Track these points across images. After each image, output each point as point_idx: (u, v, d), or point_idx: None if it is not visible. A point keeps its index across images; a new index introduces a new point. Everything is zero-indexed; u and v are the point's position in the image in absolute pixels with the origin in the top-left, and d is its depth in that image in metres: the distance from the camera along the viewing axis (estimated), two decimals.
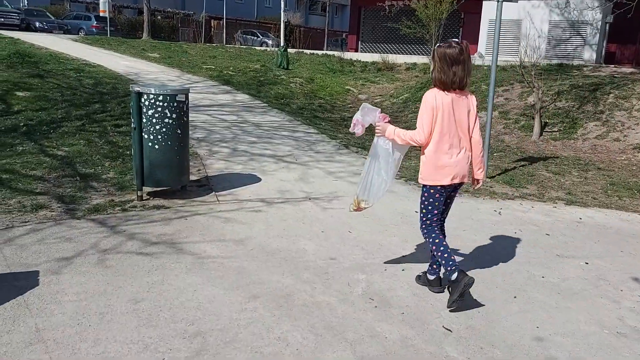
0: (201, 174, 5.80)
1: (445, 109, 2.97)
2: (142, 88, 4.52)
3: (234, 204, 4.88)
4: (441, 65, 2.92)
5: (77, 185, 5.20)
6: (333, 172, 6.26)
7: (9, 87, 9.71)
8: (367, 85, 17.28)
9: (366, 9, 28.18)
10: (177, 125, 4.68)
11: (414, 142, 3.05)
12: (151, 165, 4.65)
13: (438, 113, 2.97)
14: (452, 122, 3.00)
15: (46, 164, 5.79)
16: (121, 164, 6.01)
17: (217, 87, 13.00)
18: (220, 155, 6.69)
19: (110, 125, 7.91)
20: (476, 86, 13.52)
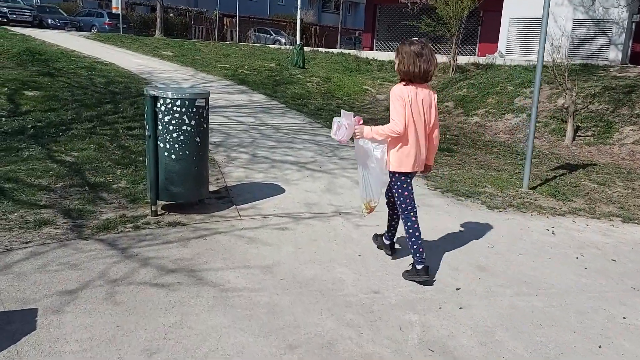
0: (220, 184, 5.33)
1: (412, 101, 3.21)
2: (158, 91, 4.05)
3: (257, 219, 4.39)
4: (408, 59, 3.17)
5: (86, 196, 4.75)
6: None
7: (18, 86, 9.32)
8: (385, 85, 16.73)
9: (382, 7, 27.58)
10: (196, 133, 4.20)
11: (394, 133, 3.20)
12: (167, 177, 4.18)
13: (406, 105, 3.19)
14: (417, 113, 3.25)
15: (53, 171, 5.35)
16: (133, 171, 5.55)
17: (232, 86, 12.54)
18: (239, 162, 6.22)
19: (122, 128, 7.47)
20: (501, 87, 12.95)
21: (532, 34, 20.50)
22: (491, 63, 17.72)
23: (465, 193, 5.63)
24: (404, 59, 3.19)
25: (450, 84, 14.45)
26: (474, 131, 10.97)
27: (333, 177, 5.92)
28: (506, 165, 7.66)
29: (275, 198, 5.02)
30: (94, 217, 4.27)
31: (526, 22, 20.49)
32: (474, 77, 14.57)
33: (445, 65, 18.40)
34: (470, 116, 12.03)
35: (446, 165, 7.08)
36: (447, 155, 7.91)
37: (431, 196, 5.43)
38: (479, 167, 7.22)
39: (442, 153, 7.99)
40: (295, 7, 45.51)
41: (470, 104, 12.63)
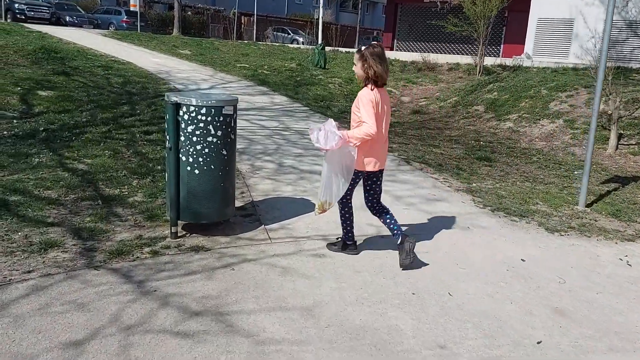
0: (245, 198, 4.82)
1: (379, 103, 3.42)
2: (181, 98, 3.55)
3: (289, 243, 3.87)
4: (375, 62, 3.35)
5: (99, 212, 4.26)
6: (401, 197, 5.21)
7: (32, 86, 8.93)
8: (408, 87, 16.13)
9: (403, 6, 26.93)
10: (223, 145, 3.69)
11: (369, 135, 3.30)
12: (189, 195, 3.68)
13: (375, 108, 3.37)
14: (383, 115, 3.49)
15: (64, 181, 4.88)
16: (151, 182, 5.07)
17: (252, 87, 12.06)
18: (265, 172, 5.70)
19: (139, 132, 7.00)
20: (535, 90, 12.29)
21: (561, 35, 19.74)
22: (518, 65, 17.03)
23: (518, 212, 5.05)
24: (371, 62, 3.35)
25: (479, 87, 13.80)
26: (507, 137, 10.34)
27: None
28: (551, 177, 7.05)
29: (307, 216, 4.49)
30: (107, 237, 3.78)
31: (555, 22, 19.75)
32: (505, 79, 13.91)
33: (471, 67, 17.75)
34: (502, 121, 11.39)
35: (488, 177, 6.50)
36: (486, 165, 7.32)
37: (481, 215, 4.86)
38: (523, 180, 6.62)
39: (480, 163, 7.41)
40: (313, 7, 44.98)
41: (501, 108, 11.99)
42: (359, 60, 3.41)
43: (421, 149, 8.11)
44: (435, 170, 6.46)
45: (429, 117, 12.42)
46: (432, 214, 4.77)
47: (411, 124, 11.42)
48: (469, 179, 6.23)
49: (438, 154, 7.77)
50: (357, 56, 3.43)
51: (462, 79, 17.14)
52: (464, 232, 4.40)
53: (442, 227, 4.46)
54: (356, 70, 3.46)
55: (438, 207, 4.98)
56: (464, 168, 6.88)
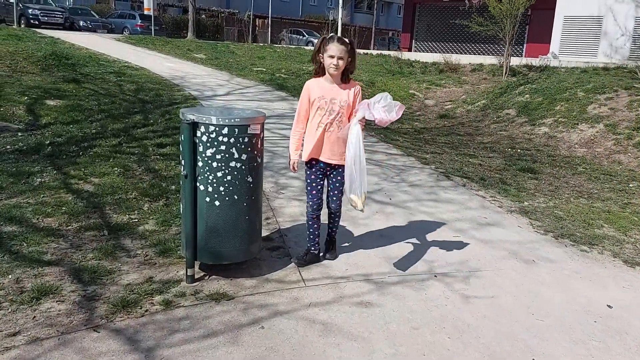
0: (271, 225, 4.20)
1: None
2: (198, 115, 2.95)
3: (327, 287, 3.25)
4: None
5: (104, 245, 3.69)
6: (448, 222, 4.55)
7: (40, 95, 8.44)
8: (432, 89, 15.43)
9: (422, 6, 26.19)
10: (248, 170, 3.08)
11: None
12: (208, 231, 3.07)
13: None
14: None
15: (67, 206, 4.32)
16: (164, 207, 4.48)
17: (271, 92, 11.48)
18: (291, 191, 5.09)
19: (152, 145, 6.44)
20: (570, 92, 11.53)
21: (589, 34, 18.89)
22: (545, 65, 16.23)
23: (584, 239, 4.36)
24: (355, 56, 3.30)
25: (509, 89, 13.06)
26: (544, 144, 9.61)
27: (409, 212, 4.72)
28: (606, 191, 6.33)
29: (344, 247, 3.87)
30: (112, 280, 3.20)
31: (582, 20, 18.90)
32: (536, 81, 13.14)
33: (495, 68, 16.98)
34: (536, 126, 10.66)
35: (538, 193, 5.80)
36: (531, 177, 6.63)
37: (544, 244, 4.18)
38: (577, 196, 5.92)
39: (524, 175, 6.72)
40: (328, 8, 44.37)
41: (535, 111, 11.25)
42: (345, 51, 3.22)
43: (457, 159, 7.43)
44: (479, 186, 5.79)
45: (457, 122, 11.72)
46: (487, 243, 4.11)
47: (439, 129, 10.73)
48: (518, 196, 5.55)
49: (476, 165, 7.10)
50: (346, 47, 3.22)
51: (487, 80, 16.38)
52: (529, 267, 3.74)
53: (502, 261, 3.80)
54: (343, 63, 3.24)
55: (493, 234, 4.32)
56: (508, 182, 6.20)
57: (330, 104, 3.33)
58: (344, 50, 3.19)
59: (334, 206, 3.56)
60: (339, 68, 3.22)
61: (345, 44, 3.21)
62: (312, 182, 3.47)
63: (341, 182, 3.46)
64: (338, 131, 3.33)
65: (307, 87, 3.42)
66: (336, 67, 3.21)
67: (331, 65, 3.23)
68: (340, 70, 3.25)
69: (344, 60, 3.21)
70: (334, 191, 3.51)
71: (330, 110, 3.32)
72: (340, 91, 3.33)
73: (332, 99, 3.33)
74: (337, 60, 3.19)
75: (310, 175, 3.47)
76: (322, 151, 3.39)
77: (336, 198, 3.54)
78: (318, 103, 3.34)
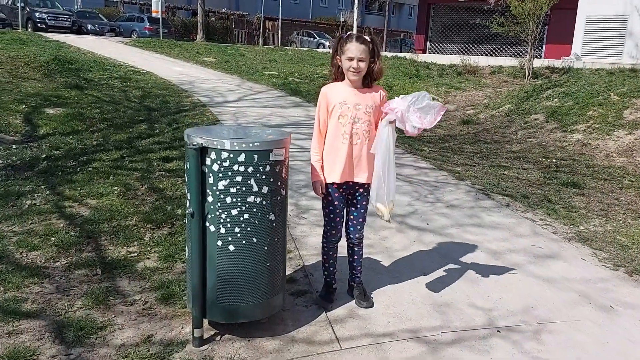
0: (293, 261, 3.58)
1: None
2: (208, 138, 2.33)
3: (368, 350, 2.61)
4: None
5: (96, 288, 3.08)
6: (499, 253, 3.89)
7: (39, 102, 7.90)
8: (451, 93, 14.75)
9: (436, 6, 25.49)
10: (271, 206, 2.46)
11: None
12: (221, 283, 2.45)
13: None
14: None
15: (57, 236, 3.73)
16: (168, 236, 3.87)
17: (284, 98, 10.87)
18: (314, 215, 4.46)
19: (157, 159, 5.85)
20: (603, 96, 10.80)
21: (614, 34, 18.12)
22: (569, 67, 15.50)
23: None
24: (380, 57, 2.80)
25: (535, 93, 12.34)
26: (579, 152, 8.90)
27: (451, 242, 4.07)
28: None
29: (381, 290, 3.23)
30: (102, 339, 2.59)
31: (606, 20, 18.14)
32: (565, 84, 12.42)
33: (516, 70, 16.26)
34: (568, 132, 9.94)
35: (590, 214, 5.12)
36: (576, 193, 5.94)
37: (619, 283, 3.51)
38: (635, 216, 5.23)
39: (568, 190, 6.03)
40: (339, 9, 43.74)
41: (565, 117, 10.53)
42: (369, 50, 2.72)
43: (490, 171, 6.77)
44: (524, 206, 5.12)
45: (482, 128, 11.03)
46: (551, 282, 3.45)
47: (464, 136, 10.05)
48: (570, 218, 4.88)
49: (514, 179, 6.43)
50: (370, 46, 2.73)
51: (508, 83, 15.67)
52: (609, 316, 3.07)
53: (575, 308, 3.14)
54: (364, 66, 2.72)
55: (554, 269, 3.66)
56: (554, 200, 5.53)
57: (355, 110, 2.77)
58: (364, 50, 2.70)
59: (357, 236, 2.97)
60: (360, 72, 2.72)
61: (366, 43, 2.72)
62: (334, 208, 2.88)
63: (367, 205, 2.91)
64: (365, 142, 2.78)
65: (323, 93, 2.87)
66: (357, 70, 2.72)
67: (351, 68, 2.71)
68: (362, 75, 2.76)
69: (365, 62, 2.72)
70: (358, 218, 2.94)
71: (354, 118, 2.78)
72: (364, 95, 2.81)
73: (357, 105, 2.78)
74: (358, 63, 2.70)
75: (332, 200, 2.87)
76: (348, 169, 2.82)
77: (360, 227, 2.96)
78: (339, 109, 2.78)
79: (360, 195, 2.92)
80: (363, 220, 2.98)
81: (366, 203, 2.93)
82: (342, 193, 2.91)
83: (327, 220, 2.95)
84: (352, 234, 2.98)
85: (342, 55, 2.75)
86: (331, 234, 2.95)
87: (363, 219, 2.98)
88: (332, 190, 2.88)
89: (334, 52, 2.83)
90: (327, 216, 2.94)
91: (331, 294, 3.04)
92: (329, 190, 2.88)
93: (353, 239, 3.00)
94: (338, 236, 2.98)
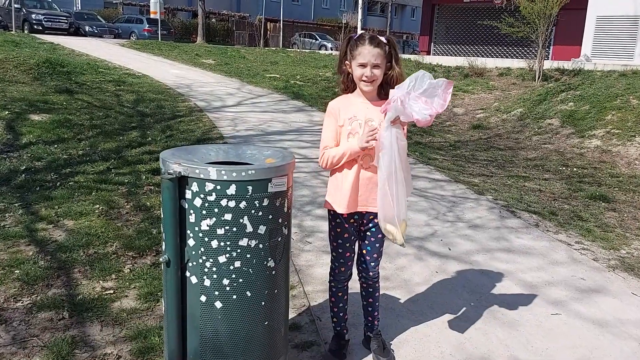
0: (297, 300, 3.04)
1: None
2: (188, 164, 1.80)
3: None
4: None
5: (60, 338, 2.55)
6: (536, 287, 3.35)
7: (24, 108, 7.39)
8: (459, 96, 14.22)
9: (440, 7, 24.98)
10: (269, 251, 1.92)
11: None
12: (204, 348, 1.92)
13: None
14: None
15: (23, 268, 3.21)
16: (151, 268, 3.34)
17: (285, 102, 10.35)
18: (320, 239, 3.92)
19: (146, 171, 5.33)
20: (622, 100, 10.29)
21: (624, 35, 17.59)
22: (579, 68, 14.97)
23: None
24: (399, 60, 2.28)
25: (549, 96, 11.81)
26: (599, 159, 8.36)
27: (479, 273, 3.53)
28: None
29: (405, 339, 2.69)
30: None
31: (617, 20, 17.62)
32: (579, 86, 11.89)
33: (524, 72, 15.73)
34: (586, 138, 9.41)
35: (629, 233, 4.58)
36: (607, 208, 5.40)
37: None
38: None
39: (597, 204, 5.50)
40: (341, 11, 43.25)
41: (582, 122, 10.00)
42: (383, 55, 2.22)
43: (509, 183, 6.23)
44: (555, 226, 4.58)
45: (494, 133, 10.50)
46: (602, 326, 2.91)
47: (475, 142, 9.52)
48: (607, 240, 4.34)
49: (536, 192, 5.89)
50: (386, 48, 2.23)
51: (517, 85, 15.14)
52: None
53: None
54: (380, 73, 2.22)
55: (603, 308, 3.12)
56: (584, 217, 4.99)
57: (367, 126, 2.24)
58: (379, 54, 2.19)
59: (371, 274, 2.45)
60: (375, 81, 2.22)
61: (381, 45, 2.20)
62: (344, 242, 2.38)
63: (383, 238, 2.39)
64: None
65: (331, 109, 2.32)
66: (370, 79, 2.21)
67: (363, 77, 2.19)
68: (377, 84, 2.25)
69: (380, 69, 2.21)
70: (372, 254, 2.42)
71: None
72: (379, 108, 2.22)
73: (369, 120, 2.25)
74: (372, 71, 2.19)
75: (342, 232, 2.36)
76: (359, 197, 2.30)
77: (374, 264, 2.44)
78: (349, 127, 2.26)
79: (375, 227, 2.37)
80: (378, 256, 2.45)
81: (382, 236, 2.39)
82: (353, 224, 2.38)
83: (335, 255, 2.43)
84: (364, 272, 2.46)
85: (353, 60, 2.22)
86: (340, 270, 2.44)
87: (378, 255, 2.44)
88: (340, 219, 2.35)
89: (342, 57, 2.30)
90: (335, 250, 2.42)
91: (342, 347, 2.50)
92: (337, 220, 2.37)
93: (367, 277, 2.47)
94: (348, 274, 2.47)
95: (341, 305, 2.51)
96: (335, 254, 2.42)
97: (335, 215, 2.36)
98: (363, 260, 2.44)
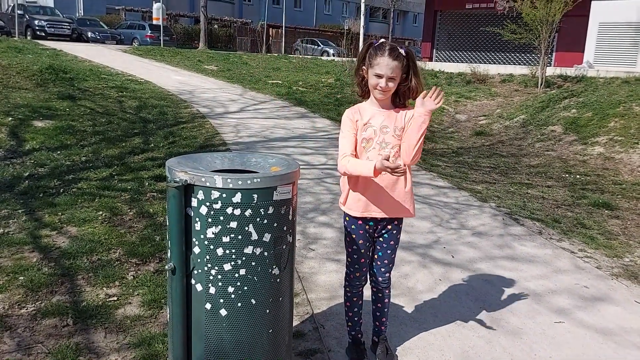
0: (300, 307, 3.04)
1: None
2: (194, 173, 1.81)
3: None
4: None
5: (64, 345, 2.55)
6: (540, 295, 3.35)
7: (27, 115, 7.42)
8: (461, 102, 14.23)
9: (443, 13, 25.05)
10: (274, 258, 1.93)
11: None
12: (209, 355, 1.92)
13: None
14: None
15: (27, 274, 3.22)
16: (154, 275, 3.34)
17: (288, 108, 10.37)
18: (324, 246, 3.92)
19: (149, 178, 5.34)
20: (624, 107, 10.28)
21: (627, 41, 17.61)
22: (582, 75, 14.98)
23: None
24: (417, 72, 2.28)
25: (552, 103, 11.82)
26: (602, 167, 8.35)
27: (483, 280, 3.53)
28: None
29: (409, 347, 2.68)
30: None
31: (619, 27, 17.65)
32: (582, 93, 11.89)
33: (527, 78, 15.75)
34: (588, 145, 9.39)
35: (632, 241, 4.57)
36: (610, 215, 5.39)
37: None
38: None
39: (600, 212, 5.49)
40: (343, 17, 43.43)
41: (585, 129, 9.99)
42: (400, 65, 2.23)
43: (513, 190, 6.22)
44: (558, 234, 4.57)
45: (496, 140, 10.50)
46: (606, 335, 2.90)
47: (478, 149, 9.52)
48: (611, 247, 4.33)
49: (539, 199, 5.88)
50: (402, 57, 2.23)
51: (520, 92, 15.15)
52: None
53: None
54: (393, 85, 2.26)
55: (607, 317, 3.11)
56: (588, 224, 4.98)
57: (381, 133, 2.29)
58: (397, 67, 2.21)
59: (381, 280, 2.49)
60: (388, 92, 2.26)
61: (399, 58, 2.22)
62: (359, 247, 2.41)
63: (396, 245, 2.45)
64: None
65: (348, 117, 2.34)
66: (383, 90, 2.25)
67: (378, 87, 2.23)
68: (390, 94, 2.30)
69: (395, 81, 2.25)
70: (383, 259, 2.46)
71: (381, 142, 2.29)
72: (393, 115, 2.33)
73: (384, 127, 2.30)
74: (387, 82, 2.23)
75: (357, 238, 2.40)
76: (375, 203, 2.34)
77: (385, 270, 2.48)
78: (363, 133, 2.30)
79: (388, 233, 2.41)
80: (389, 262, 2.46)
81: (394, 242, 2.44)
82: (369, 230, 2.40)
83: (350, 260, 2.46)
84: (374, 277, 2.50)
85: (370, 68, 2.25)
86: (355, 276, 2.47)
87: (389, 261, 2.46)
88: (356, 225, 2.38)
89: (360, 61, 2.33)
90: (351, 256, 2.45)
91: (362, 353, 2.52)
92: (352, 226, 2.39)
93: (376, 282, 2.49)
94: (363, 279, 2.50)
95: (356, 310, 2.54)
96: (351, 259, 2.45)
97: (351, 220, 2.39)
98: (374, 265, 2.47)
